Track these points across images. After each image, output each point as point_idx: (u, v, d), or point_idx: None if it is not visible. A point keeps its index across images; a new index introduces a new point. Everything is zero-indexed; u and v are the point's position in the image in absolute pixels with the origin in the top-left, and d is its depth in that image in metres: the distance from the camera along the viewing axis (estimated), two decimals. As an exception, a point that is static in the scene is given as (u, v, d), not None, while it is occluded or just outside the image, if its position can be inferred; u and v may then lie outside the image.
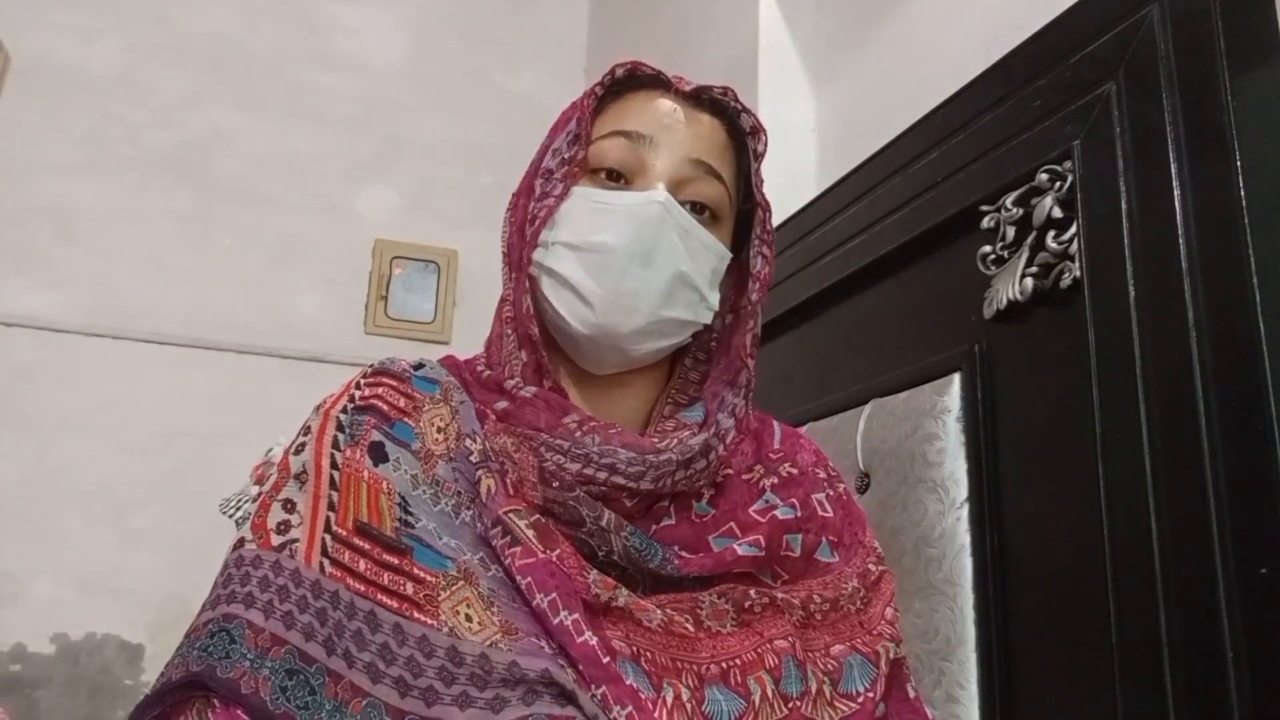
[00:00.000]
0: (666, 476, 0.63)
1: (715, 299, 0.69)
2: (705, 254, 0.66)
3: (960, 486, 0.86)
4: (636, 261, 0.63)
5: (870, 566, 0.70)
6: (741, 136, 0.70)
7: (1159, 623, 0.66)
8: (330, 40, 2.38)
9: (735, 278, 0.72)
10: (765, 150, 0.70)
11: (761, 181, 0.70)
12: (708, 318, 0.69)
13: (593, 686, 0.54)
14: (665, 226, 0.63)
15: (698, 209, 0.66)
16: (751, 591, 0.63)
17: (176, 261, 2.14)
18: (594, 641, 0.56)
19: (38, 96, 2.11)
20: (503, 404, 0.65)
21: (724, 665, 0.59)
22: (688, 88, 0.69)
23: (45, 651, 1.89)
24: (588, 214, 0.65)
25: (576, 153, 0.66)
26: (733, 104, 0.69)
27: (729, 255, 0.69)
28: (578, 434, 0.62)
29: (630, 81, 0.69)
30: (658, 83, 0.69)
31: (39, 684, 1.87)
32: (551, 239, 0.66)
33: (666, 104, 0.68)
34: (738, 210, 0.71)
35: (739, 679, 0.59)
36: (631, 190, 0.65)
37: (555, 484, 0.61)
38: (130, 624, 1.93)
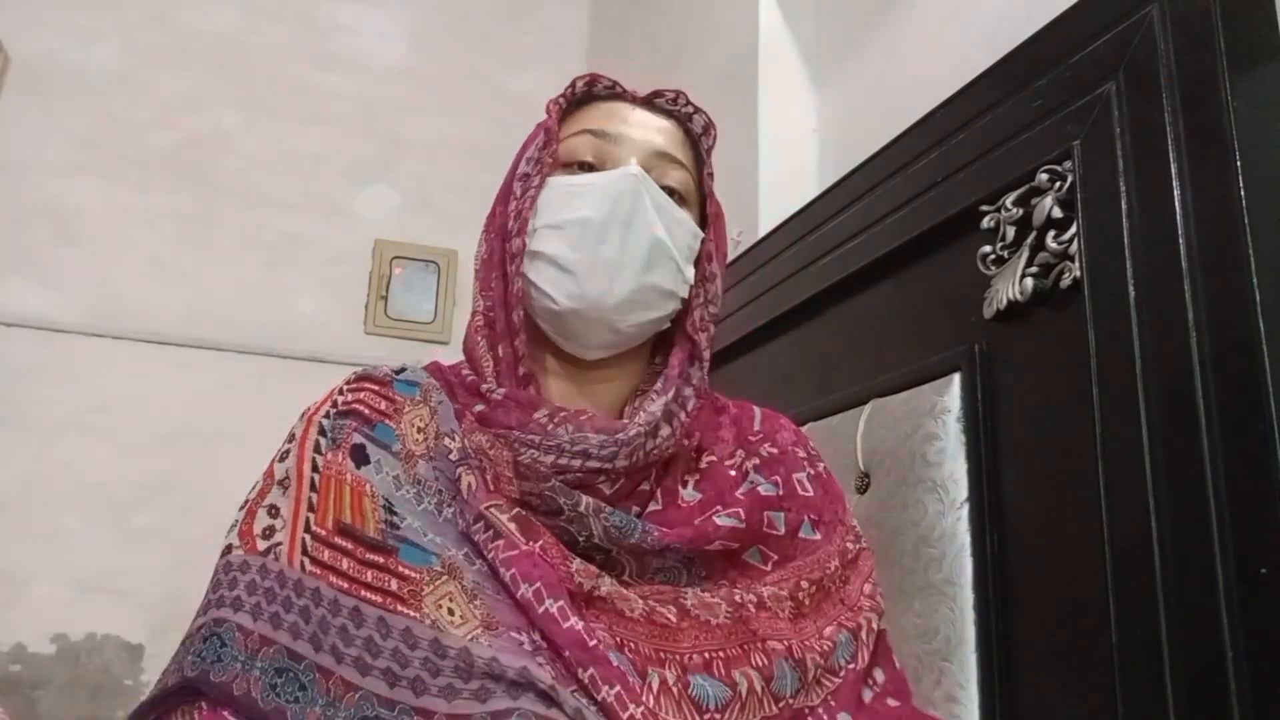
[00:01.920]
0: (638, 450, 0.64)
1: (690, 273, 0.71)
2: (679, 228, 0.69)
3: (960, 486, 0.86)
4: (616, 229, 0.66)
5: (849, 545, 0.72)
6: (694, 134, 0.74)
7: (1159, 623, 0.66)
8: (330, 40, 2.38)
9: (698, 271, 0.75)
10: (714, 144, 0.74)
11: (711, 173, 0.74)
12: (685, 291, 0.71)
13: (580, 670, 0.55)
14: (641, 196, 0.66)
15: (668, 191, 0.70)
16: (736, 592, 0.64)
17: (176, 261, 2.14)
18: (579, 626, 0.57)
19: (38, 96, 2.11)
20: (479, 407, 0.67)
21: (707, 655, 0.60)
22: (641, 95, 0.74)
23: (45, 651, 1.89)
24: (566, 194, 0.68)
25: (549, 150, 0.70)
26: (683, 108, 0.73)
27: (702, 234, 0.73)
28: (549, 427, 0.64)
29: (590, 94, 0.74)
30: (614, 93, 0.74)
31: (39, 684, 1.87)
32: (534, 226, 0.68)
33: (625, 107, 0.73)
34: (702, 207, 0.74)
35: (723, 670, 0.60)
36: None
37: (531, 476, 0.62)
38: (130, 624, 1.93)
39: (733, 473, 0.71)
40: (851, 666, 0.65)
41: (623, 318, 0.67)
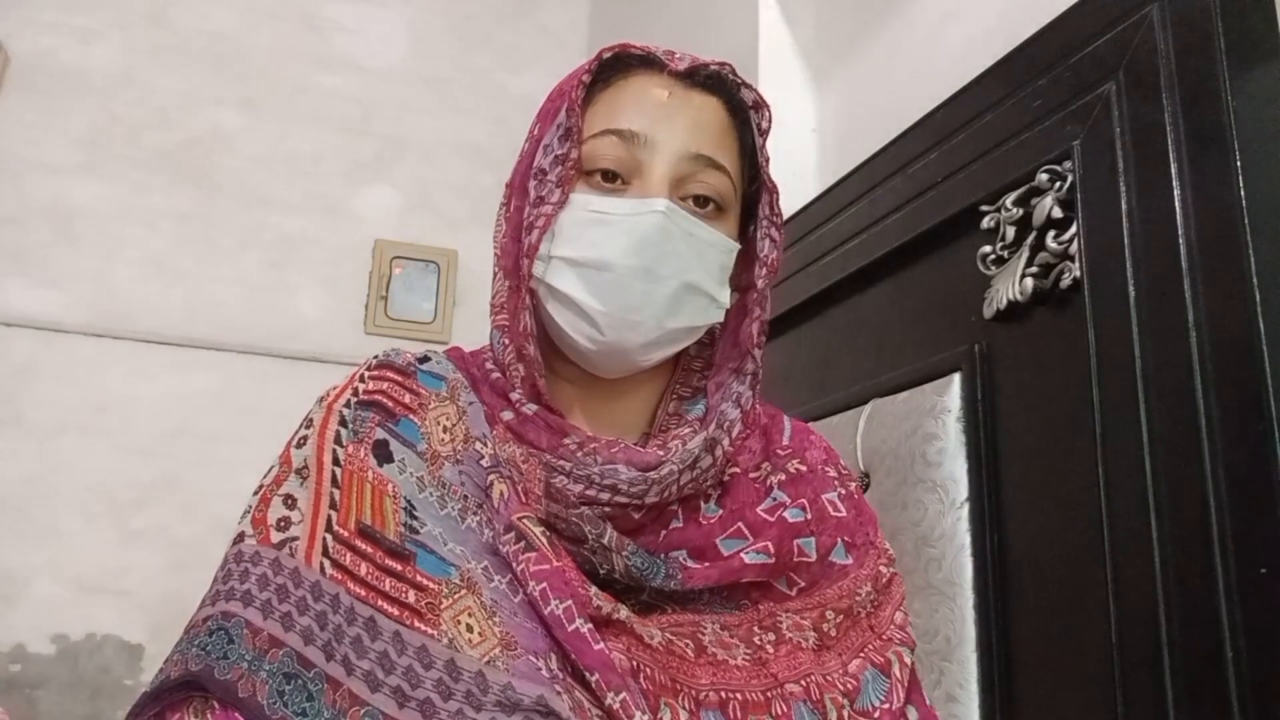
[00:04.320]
0: (671, 486, 0.61)
1: (726, 295, 0.65)
2: (712, 252, 0.63)
3: (960, 486, 0.86)
4: (640, 277, 0.60)
5: (882, 569, 0.68)
6: (743, 112, 0.66)
7: (1159, 623, 0.66)
8: (330, 40, 2.38)
9: (741, 260, 0.68)
10: (770, 126, 0.66)
11: (767, 159, 0.66)
12: (719, 316, 0.66)
13: (612, 695, 0.53)
14: (668, 236, 0.60)
15: (701, 202, 0.63)
16: (755, 633, 0.61)
17: (176, 261, 2.14)
18: (608, 648, 0.54)
19: (38, 96, 2.11)
20: (508, 414, 0.64)
21: (723, 695, 0.57)
22: (681, 65, 0.64)
23: (45, 651, 1.89)
24: (586, 225, 0.61)
25: (569, 150, 0.62)
26: (731, 79, 0.65)
27: (737, 246, 0.66)
28: (579, 454, 0.61)
29: (618, 65, 0.64)
30: (648, 64, 0.64)
31: (39, 684, 1.86)
32: (550, 252, 0.62)
33: (658, 93, 0.63)
34: (744, 191, 0.67)
35: (739, 714, 0.57)
36: (629, 194, 0.62)
37: (560, 500, 0.60)
38: (130, 624, 1.93)
39: (756, 485, 0.67)
40: (885, 707, 0.61)
41: (645, 357, 0.64)
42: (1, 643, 1.87)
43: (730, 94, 0.66)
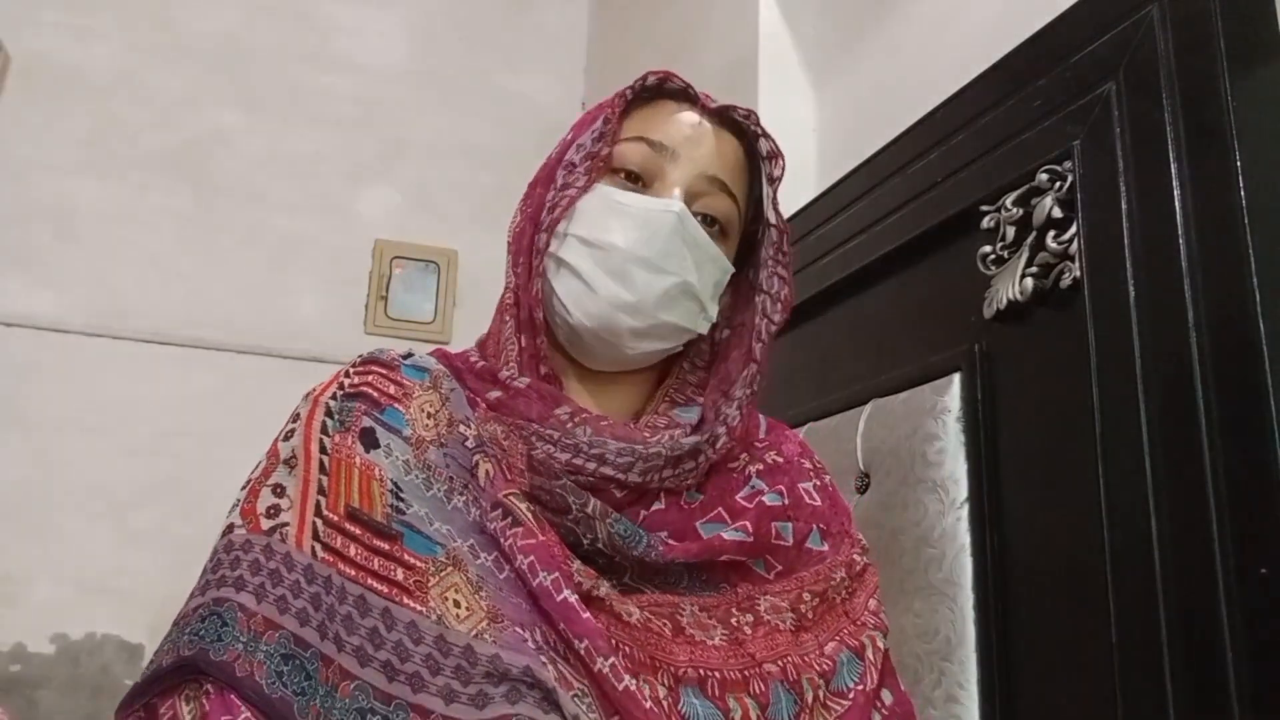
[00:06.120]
0: (654, 471, 0.63)
1: (714, 311, 0.70)
2: (711, 267, 0.68)
3: (960, 486, 0.86)
4: (644, 265, 0.65)
5: (855, 556, 0.71)
6: (758, 159, 0.72)
7: (1159, 623, 0.66)
8: (330, 40, 2.38)
9: (734, 293, 0.74)
10: (782, 175, 0.72)
11: (777, 204, 0.72)
12: (704, 328, 0.70)
13: (600, 660, 0.55)
14: (676, 235, 0.65)
15: (708, 221, 0.68)
16: (733, 614, 0.63)
17: (176, 261, 2.14)
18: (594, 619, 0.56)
19: (38, 96, 2.11)
20: (495, 394, 0.66)
21: (702, 672, 0.59)
22: (713, 105, 0.71)
23: (45, 651, 1.89)
24: (604, 211, 0.66)
25: (601, 149, 0.68)
26: (753, 127, 0.71)
27: (731, 270, 0.71)
28: (569, 425, 0.64)
29: (659, 90, 0.72)
30: (685, 95, 0.71)
31: (39, 684, 1.87)
32: (566, 230, 0.67)
33: (691, 117, 0.70)
34: (745, 229, 0.73)
35: (717, 691, 0.58)
36: (649, 194, 0.67)
37: (543, 472, 0.62)
38: (130, 624, 1.93)
39: (735, 476, 0.70)
40: (860, 688, 0.63)
41: (634, 345, 0.67)
42: (1, 643, 1.87)
43: (750, 141, 0.72)
